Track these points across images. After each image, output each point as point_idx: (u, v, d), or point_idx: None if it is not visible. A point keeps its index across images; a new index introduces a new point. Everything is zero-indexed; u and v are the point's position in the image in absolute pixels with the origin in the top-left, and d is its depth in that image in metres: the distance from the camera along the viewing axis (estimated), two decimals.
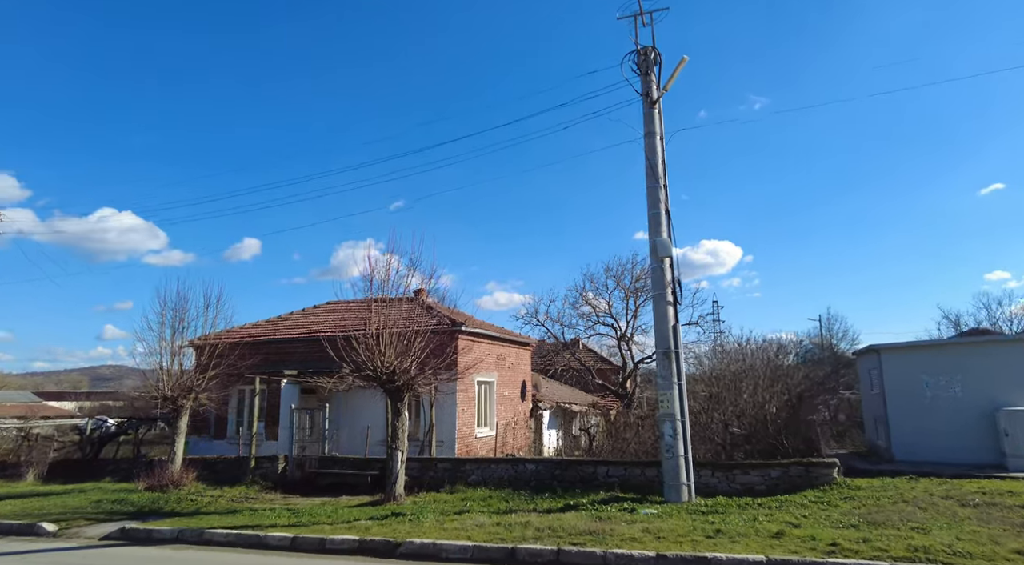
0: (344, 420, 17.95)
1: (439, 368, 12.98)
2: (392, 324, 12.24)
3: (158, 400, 14.40)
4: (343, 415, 18.27)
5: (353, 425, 17.70)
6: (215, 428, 19.64)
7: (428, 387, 13.13)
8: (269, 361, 19.03)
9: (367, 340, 11.94)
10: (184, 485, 13.91)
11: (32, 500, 13.24)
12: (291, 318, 22.70)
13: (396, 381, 11.94)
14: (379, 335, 12.01)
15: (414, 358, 12.19)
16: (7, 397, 76.52)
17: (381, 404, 18.39)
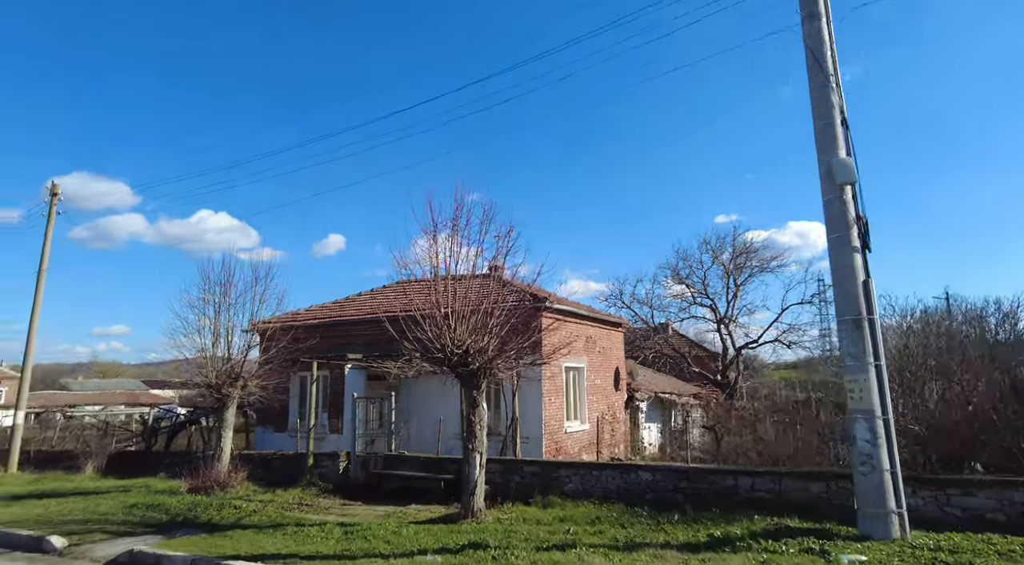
0: (414, 411, 15.62)
1: (522, 349, 10.24)
2: (463, 297, 9.64)
3: (202, 389, 12.54)
4: (412, 405, 15.96)
5: (423, 416, 15.33)
6: (277, 419, 17.89)
7: (510, 372, 10.45)
8: (334, 345, 17.03)
9: (434, 314, 9.39)
10: (231, 486, 11.96)
11: (70, 500, 11.66)
12: (358, 299, 20.72)
13: (470, 364, 9.32)
14: (448, 309, 9.42)
15: (492, 336, 9.54)
16: (119, 385, 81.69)
17: (454, 393, 15.94)
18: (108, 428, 20.08)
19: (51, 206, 18.50)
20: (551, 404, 15.29)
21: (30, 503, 11.41)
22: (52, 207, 18.52)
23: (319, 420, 15.24)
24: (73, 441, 19.49)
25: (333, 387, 16.23)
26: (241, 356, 12.70)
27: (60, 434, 21.13)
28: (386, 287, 21.65)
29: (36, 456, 18.81)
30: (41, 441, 21.13)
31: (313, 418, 13.52)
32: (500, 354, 9.57)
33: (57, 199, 18.63)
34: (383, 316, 11.54)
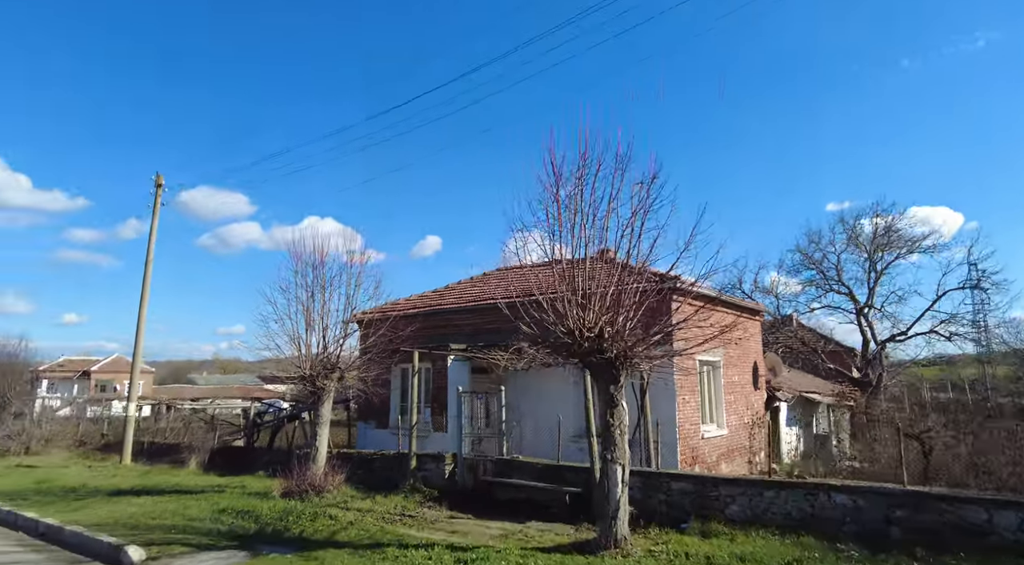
0: (525, 408, 13.79)
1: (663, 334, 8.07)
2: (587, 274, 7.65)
3: (295, 381, 11.37)
4: (523, 401, 14.14)
5: (537, 414, 13.46)
6: (378, 415, 16.74)
7: (651, 363, 8.30)
8: (434, 336, 15.60)
9: (561, 292, 7.47)
10: (327, 491, 10.66)
11: (165, 499, 10.84)
12: (458, 288, 19.26)
13: (606, 351, 7.30)
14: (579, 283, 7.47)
15: (628, 317, 7.48)
16: (236, 380, 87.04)
17: (568, 389, 13.98)
18: (214, 421, 19.89)
19: (156, 197, 18.46)
20: (685, 404, 12.96)
21: (127, 500, 10.68)
22: (157, 198, 18.47)
23: (421, 416, 13.80)
24: (183, 433, 19.41)
25: (435, 381, 14.78)
26: (337, 345, 11.43)
27: (172, 425, 21.31)
28: (487, 274, 20.07)
29: (149, 448, 18.88)
30: (154, 432, 21.42)
31: (415, 414, 12.03)
32: (643, 339, 7.48)
33: (161, 190, 18.56)
34: (501, 301, 9.70)
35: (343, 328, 11.90)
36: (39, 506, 10.48)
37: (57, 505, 10.61)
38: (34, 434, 21.09)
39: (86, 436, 22.91)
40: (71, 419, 25.99)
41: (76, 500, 11.07)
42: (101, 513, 9.67)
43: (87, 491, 12.14)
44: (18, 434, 21.04)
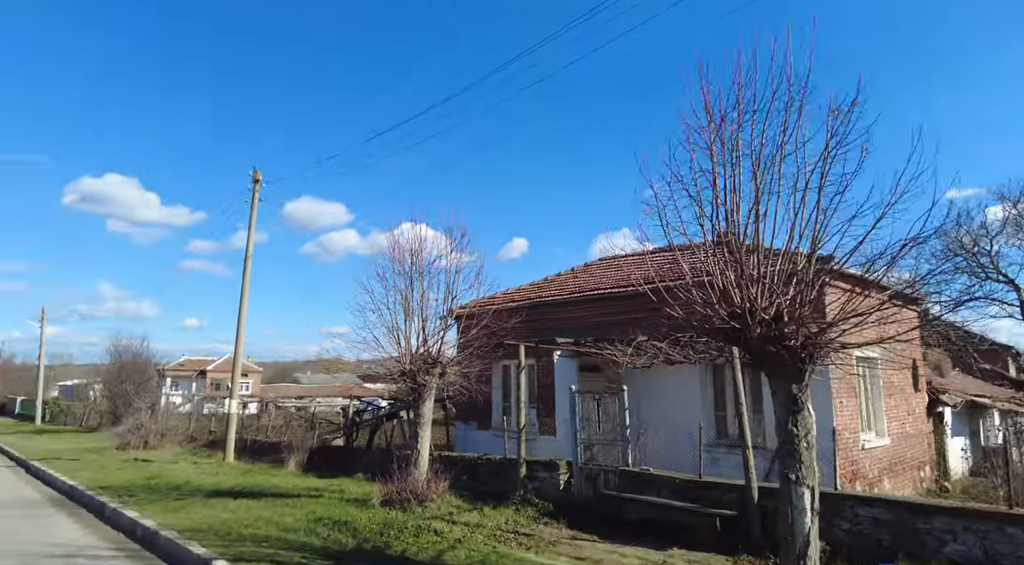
0: (647, 411, 12.13)
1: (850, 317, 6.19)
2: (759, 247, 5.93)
3: (394, 378, 10.39)
4: (641, 403, 12.49)
5: (656, 418, 11.74)
6: (479, 415, 15.63)
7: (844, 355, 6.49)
8: (535, 332, 14.28)
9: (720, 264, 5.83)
10: (430, 499, 9.55)
11: (261, 503, 10.16)
12: (557, 280, 17.86)
13: (788, 337, 5.57)
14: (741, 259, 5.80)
15: (807, 296, 5.73)
16: (338, 379, 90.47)
17: (696, 388, 12.20)
18: (314, 420, 19.62)
19: (254, 193, 18.39)
20: (843, 409, 10.83)
21: (223, 504, 10.07)
22: (255, 194, 18.39)
23: (527, 418, 12.49)
24: (283, 431, 19.26)
25: (541, 379, 13.43)
26: (437, 338, 10.32)
27: (274, 423, 21.34)
28: (588, 266, 18.56)
29: (251, 446, 18.83)
30: (256, 430, 21.53)
31: (523, 416, 10.72)
32: (833, 325, 5.70)
33: (259, 186, 18.47)
34: (640, 286, 8.09)
35: (443, 320, 10.79)
36: (142, 505, 10.10)
37: (158, 504, 10.19)
38: (151, 429, 21.78)
39: (196, 432, 23.52)
40: (189, 415, 26.96)
41: (176, 499, 10.64)
42: (197, 517, 9.05)
43: (189, 490, 11.78)
44: (137, 429, 21.84)
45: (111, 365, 33.69)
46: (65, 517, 10.13)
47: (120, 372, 32.19)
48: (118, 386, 31.15)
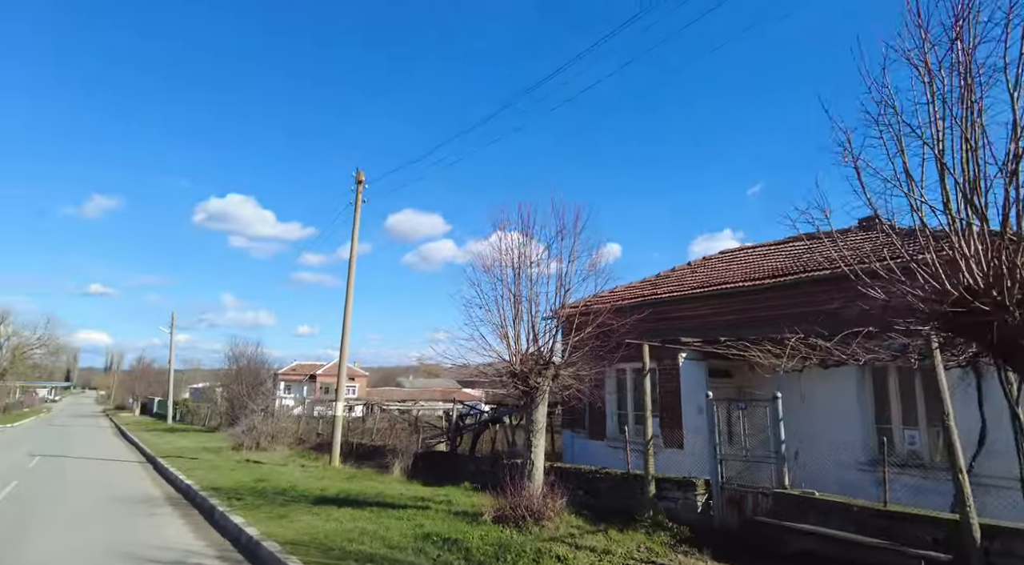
0: (792, 423, 10.38)
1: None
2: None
3: (502, 380, 9.41)
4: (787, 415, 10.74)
5: (814, 433, 9.96)
6: (590, 422, 14.38)
7: None
8: (653, 332, 12.86)
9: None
10: (547, 518, 8.45)
11: (366, 513, 9.51)
12: (673, 276, 16.30)
13: None
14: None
15: None
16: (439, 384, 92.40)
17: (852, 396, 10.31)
18: (417, 423, 19.20)
19: (357, 194, 18.28)
20: None
21: (327, 513, 9.52)
22: (358, 195, 18.28)
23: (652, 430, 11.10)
24: (388, 434, 18.96)
25: (663, 384, 11.99)
26: (550, 336, 9.25)
27: (379, 425, 21.20)
28: (708, 259, 16.85)
29: (357, 449, 18.67)
30: (361, 433, 21.48)
31: (649, 426, 9.36)
32: None
33: (362, 187, 18.34)
34: (833, 272, 6.68)
35: (556, 317, 9.70)
36: (248, 510, 9.79)
37: (264, 510, 9.83)
38: (263, 431, 22.33)
39: (305, 434, 23.93)
40: (299, 417, 27.70)
41: (282, 505, 10.25)
42: (300, 526, 8.50)
43: (295, 494, 11.43)
44: (250, 430, 22.48)
45: (229, 369, 35.52)
46: (178, 518, 10.00)
47: (237, 376, 33.82)
48: (235, 389, 32.71)
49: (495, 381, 10.20)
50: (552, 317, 9.71)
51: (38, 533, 8.77)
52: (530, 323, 9.37)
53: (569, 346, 9.20)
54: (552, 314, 9.57)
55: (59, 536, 8.58)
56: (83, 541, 8.27)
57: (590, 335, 9.38)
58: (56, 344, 73.76)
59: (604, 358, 9.61)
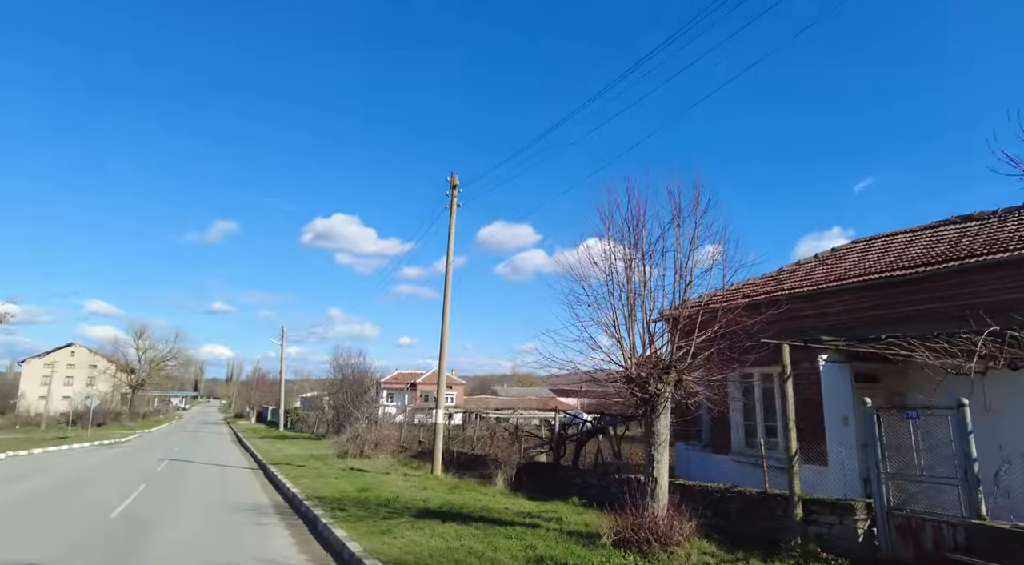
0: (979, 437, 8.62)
1: None
2: None
3: (615, 386, 8.43)
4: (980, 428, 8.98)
5: (1001, 448, 8.18)
6: (712, 434, 13.01)
7: None
8: (784, 331, 11.36)
9: None
10: (675, 543, 7.36)
11: (471, 529, 8.82)
12: (798, 270, 14.59)
13: None
14: None
15: None
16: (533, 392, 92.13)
17: None
18: (517, 432, 18.48)
19: (452, 199, 17.96)
20: None
21: (431, 527, 8.92)
22: (453, 199, 17.96)
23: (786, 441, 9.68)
24: (488, 442, 18.40)
25: (799, 391, 10.46)
26: (671, 337, 8.15)
27: (479, 434, 20.72)
28: (838, 250, 15.01)
29: (458, 459, 18.24)
30: (462, 441, 21.08)
31: (793, 439, 8.02)
32: None
33: (457, 191, 18.01)
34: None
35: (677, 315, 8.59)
36: (351, 522, 9.41)
37: (367, 522, 9.41)
38: (367, 439, 22.52)
39: (407, 442, 23.93)
40: (401, 425, 27.90)
41: (385, 518, 9.80)
42: (403, 542, 7.93)
43: (397, 506, 11.00)
44: (354, 438, 22.75)
45: (334, 378, 36.69)
46: (283, 528, 9.80)
47: (342, 384, 34.83)
48: (340, 397, 33.64)
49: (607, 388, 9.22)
50: (671, 315, 8.60)
51: (155, 537, 8.80)
52: (644, 322, 8.35)
53: (692, 347, 8.07)
54: (671, 311, 8.48)
55: (173, 542, 8.54)
56: (194, 548, 8.16)
57: (716, 334, 8.21)
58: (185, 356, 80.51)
59: (734, 361, 8.38)
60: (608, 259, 8.46)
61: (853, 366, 10.21)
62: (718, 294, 10.19)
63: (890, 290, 10.81)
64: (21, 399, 70.79)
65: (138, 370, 66.76)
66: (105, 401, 56.14)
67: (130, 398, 65.15)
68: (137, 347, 67.64)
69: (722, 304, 8.56)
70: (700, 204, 8.24)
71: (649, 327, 8.48)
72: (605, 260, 8.49)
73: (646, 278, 8.44)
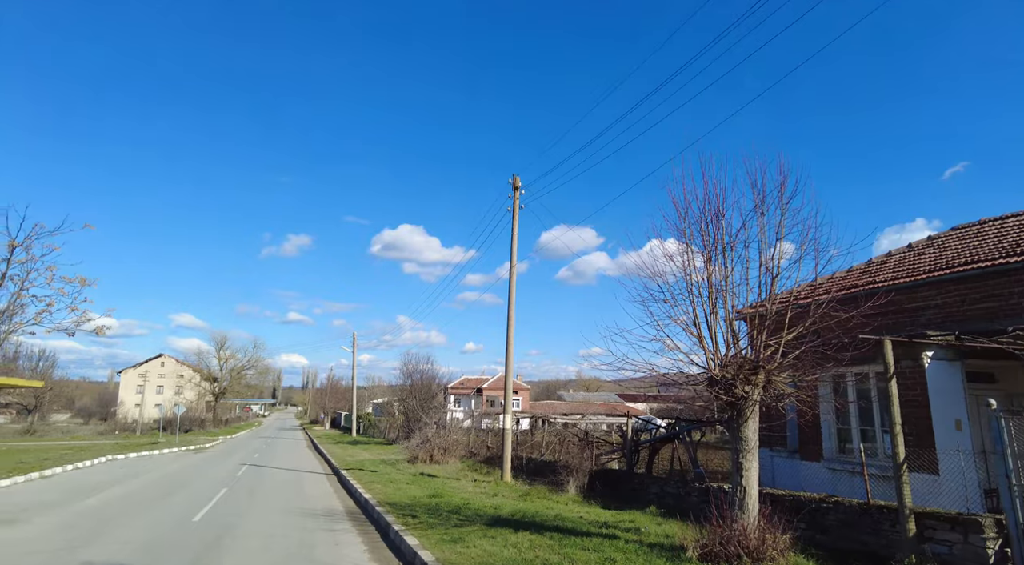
0: None
1: None
2: None
3: (697, 389, 7.87)
4: None
5: None
6: (800, 440, 12.10)
7: None
8: (881, 327, 10.40)
9: None
10: (769, 558, 6.75)
11: (545, 539, 8.44)
12: (890, 261, 13.44)
13: None
14: None
15: None
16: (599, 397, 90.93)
17: None
18: (587, 438, 17.97)
19: (514, 200, 17.72)
20: None
21: (504, 537, 8.61)
22: (516, 201, 17.72)
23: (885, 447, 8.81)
24: (557, 448, 17.97)
25: (901, 393, 9.53)
26: (757, 335, 7.53)
27: (548, 439, 20.33)
28: (935, 238, 13.74)
29: (527, 465, 17.92)
30: (531, 447, 20.74)
31: (900, 445, 7.21)
32: None
33: (519, 192, 17.75)
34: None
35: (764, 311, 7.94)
36: (422, 529, 9.23)
37: (438, 530, 9.20)
38: (436, 444, 22.56)
39: (475, 447, 23.80)
40: (468, 430, 27.91)
41: (456, 526, 9.57)
42: (475, 552, 7.64)
43: (468, 514, 10.75)
44: (424, 443, 22.84)
45: (403, 384, 37.22)
46: (355, 535, 9.74)
47: (411, 390, 35.26)
48: (410, 403, 34.05)
49: (681, 392, 8.63)
50: (757, 312, 7.95)
51: (234, 541, 8.90)
52: (727, 320, 7.75)
53: (782, 345, 7.41)
54: (757, 307, 7.84)
55: (250, 547, 8.60)
56: (269, 554, 8.17)
57: (808, 331, 7.52)
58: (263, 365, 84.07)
59: (828, 359, 7.65)
60: (685, 253, 7.92)
61: (965, 364, 9.19)
62: (807, 288, 9.42)
63: (1005, 279, 9.70)
64: (120, 406, 76.05)
65: (220, 379, 70.19)
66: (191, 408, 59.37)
67: (213, 405, 68.58)
68: (219, 357, 71.15)
69: (814, 298, 7.84)
70: (786, 189, 7.59)
71: (732, 325, 7.88)
72: (681, 254, 7.96)
73: (728, 272, 7.85)
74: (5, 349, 27.53)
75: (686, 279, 7.86)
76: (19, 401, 49.80)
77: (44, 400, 58.79)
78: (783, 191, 7.56)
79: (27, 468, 19.06)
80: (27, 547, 8.52)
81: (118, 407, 75.47)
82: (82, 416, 72.23)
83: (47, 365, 62.42)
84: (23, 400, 50.66)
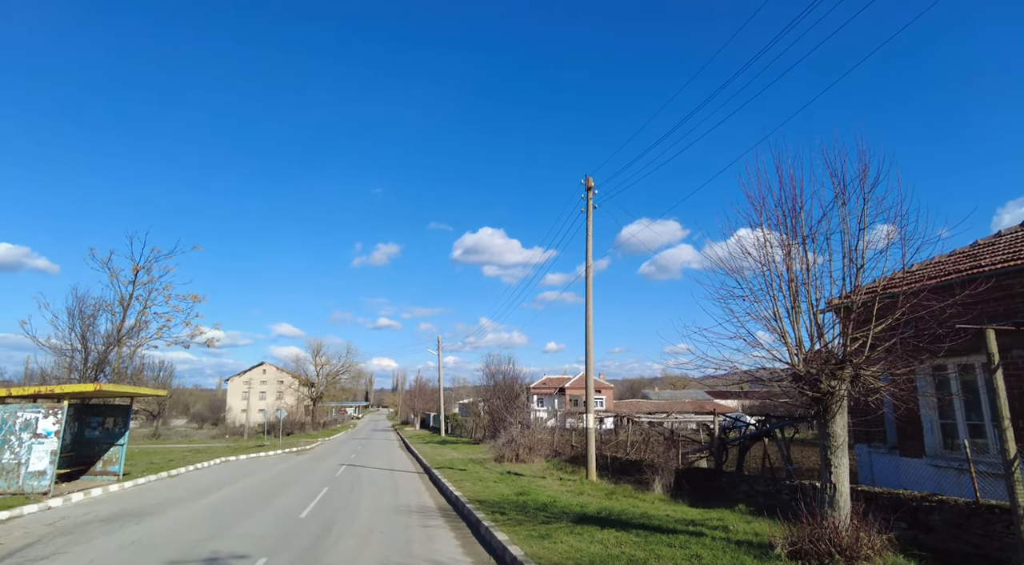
0: None
1: None
2: None
3: (781, 385, 7.72)
4: None
5: None
6: (899, 436, 11.49)
7: None
8: (979, 317, 9.71)
9: None
10: (863, 557, 6.56)
11: (631, 537, 8.55)
12: (999, 242, 12.43)
13: None
14: None
15: None
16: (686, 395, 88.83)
17: None
18: (673, 436, 17.75)
19: (588, 200, 17.81)
20: None
21: (590, 534, 8.79)
22: (589, 201, 17.80)
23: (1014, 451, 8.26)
24: (642, 448, 17.87)
25: (1011, 385, 8.91)
26: (843, 329, 7.31)
27: (632, 439, 20.22)
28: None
29: (612, 464, 17.95)
30: (615, 446, 20.72)
31: (1010, 442, 6.79)
32: None
33: (592, 192, 17.83)
34: None
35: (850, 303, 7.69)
36: (511, 526, 9.57)
37: (526, 527, 9.51)
38: (521, 443, 22.99)
39: (559, 446, 24.03)
40: (552, 430, 28.19)
41: (543, 523, 9.84)
42: (564, 548, 7.88)
43: (555, 511, 11.01)
44: (509, 442, 23.32)
45: (487, 385, 38.03)
46: (448, 530, 10.23)
47: (494, 391, 36.00)
48: (494, 403, 34.78)
49: (771, 388, 8.47)
50: (842, 304, 7.71)
51: (337, 536, 9.61)
52: (810, 313, 7.57)
53: (870, 338, 7.16)
54: (842, 300, 7.61)
55: (351, 542, 9.26)
56: (369, 547, 8.77)
57: (899, 322, 7.23)
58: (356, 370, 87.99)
59: (922, 351, 7.31)
60: (763, 248, 7.80)
61: None
62: (896, 277, 8.99)
63: None
64: (228, 412, 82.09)
65: (317, 384, 74.20)
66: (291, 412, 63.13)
67: (312, 409, 72.58)
68: (315, 363, 75.21)
69: (904, 287, 7.51)
70: (868, 177, 7.33)
71: (816, 319, 7.68)
72: (759, 249, 7.85)
73: (808, 265, 7.67)
74: (135, 362, 30.53)
75: (765, 275, 7.74)
76: (146, 409, 55.02)
77: (165, 407, 64.66)
78: (864, 179, 7.30)
79: (157, 468, 21.14)
80: (169, 536, 9.64)
81: (227, 412, 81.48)
82: (196, 421, 78.59)
83: (166, 375, 68.61)
84: (149, 407, 55.91)
